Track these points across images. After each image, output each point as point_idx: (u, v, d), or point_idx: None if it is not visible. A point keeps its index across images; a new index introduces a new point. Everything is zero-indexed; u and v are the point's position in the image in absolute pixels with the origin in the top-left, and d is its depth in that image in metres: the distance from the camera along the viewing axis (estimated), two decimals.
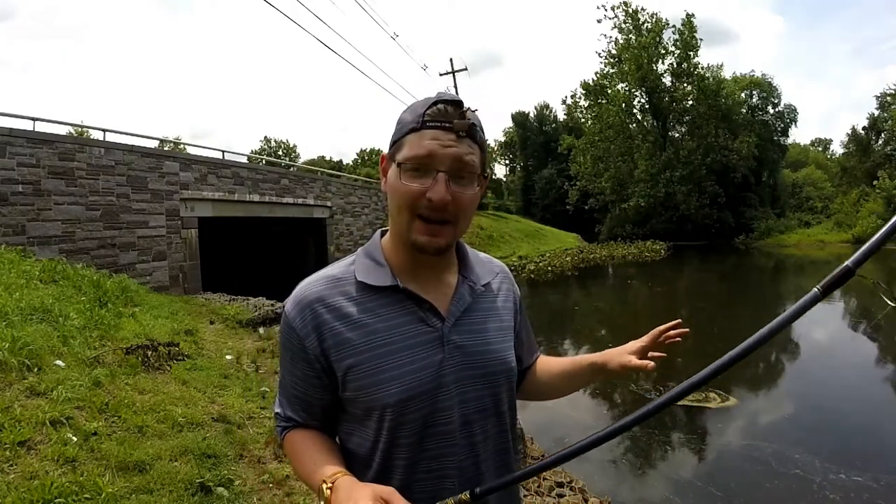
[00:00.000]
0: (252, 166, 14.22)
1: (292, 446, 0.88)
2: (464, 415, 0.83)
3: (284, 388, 0.89)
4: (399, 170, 0.80)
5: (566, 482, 3.38)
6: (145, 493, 2.42)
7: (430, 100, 0.81)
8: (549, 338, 8.96)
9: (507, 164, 55.63)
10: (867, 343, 8.45)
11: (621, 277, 18.62)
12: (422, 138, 0.78)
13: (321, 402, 0.86)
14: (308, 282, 0.86)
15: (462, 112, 0.79)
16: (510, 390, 0.92)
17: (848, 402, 5.42)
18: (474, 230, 22.81)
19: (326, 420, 0.89)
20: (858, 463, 3.84)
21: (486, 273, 0.94)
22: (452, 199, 0.78)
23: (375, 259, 0.87)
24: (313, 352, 0.82)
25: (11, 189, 7.84)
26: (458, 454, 0.83)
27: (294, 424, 0.89)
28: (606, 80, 34.96)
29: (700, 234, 31.24)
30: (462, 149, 0.79)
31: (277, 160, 40.23)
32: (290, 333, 0.84)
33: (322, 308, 0.82)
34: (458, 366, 0.83)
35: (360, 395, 0.81)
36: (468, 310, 0.88)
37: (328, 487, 0.74)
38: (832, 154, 49.90)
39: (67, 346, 3.94)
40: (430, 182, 0.78)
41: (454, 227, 0.81)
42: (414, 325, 0.82)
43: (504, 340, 0.91)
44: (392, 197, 0.81)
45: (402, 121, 0.83)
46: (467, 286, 0.89)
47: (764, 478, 3.77)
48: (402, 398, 0.79)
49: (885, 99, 28.94)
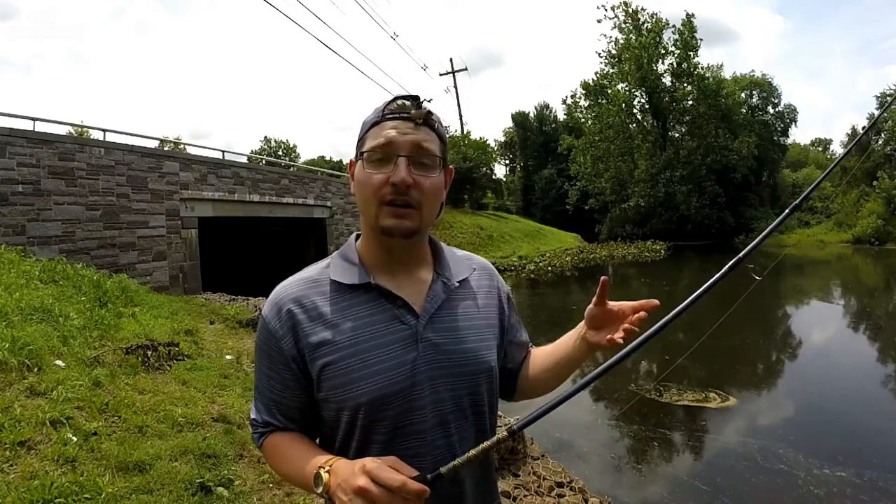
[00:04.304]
0: (252, 166, 14.21)
1: (274, 449, 0.87)
2: (438, 414, 0.83)
3: (261, 392, 0.88)
4: (363, 162, 0.83)
5: (566, 482, 3.38)
6: (145, 493, 2.43)
7: (390, 98, 0.85)
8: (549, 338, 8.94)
9: (507, 164, 55.66)
10: (867, 343, 8.46)
11: (621, 277, 18.61)
12: (381, 129, 0.82)
13: (299, 404, 0.86)
14: (284, 284, 0.87)
15: (419, 103, 0.83)
16: (489, 390, 0.90)
17: (848, 403, 5.42)
18: (474, 230, 22.80)
19: (304, 423, 0.88)
20: (859, 463, 3.85)
21: (462, 269, 0.94)
22: (415, 183, 0.80)
23: (349, 259, 0.88)
24: (290, 353, 0.82)
25: (11, 189, 7.83)
26: (432, 454, 0.81)
27: (273, 429, 0.88)
28: (606, 80, 34.95)
29: (700, 234, 31.22)
30: (420, 135, 0.82)
31: (277, 160, 40.20)
32: (268, 336, 0.84)
33: (298, 309, 0.83)
34: (432, 364, 0.82)
35: (332, 394, 0.81)
36: (443, 307, 0.87)
37: (327, 471, 0.73)
38: (832, 154, 49.91)
39: (67, 346, 3.94)
40: (392, 169, 0.80)
41: (419, 212, 0.82)
42: (387, 322, 0.82)
43: (482, 339, 0.90)
44: (359, 190, 0.84)
45: (364, 123, 0.87)
46: (441, 283, 0.89)
47: (764, 478, 3.77)
48: (376, 397, 0.79)
49: (885, 99, 28.89)
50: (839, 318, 10.39)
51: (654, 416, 4.94)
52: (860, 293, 13.86)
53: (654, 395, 5.42)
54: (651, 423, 4.79)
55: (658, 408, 5.15)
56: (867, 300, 12.60)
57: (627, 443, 4.52)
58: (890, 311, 11.06)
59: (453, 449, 0.82)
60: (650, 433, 4.60)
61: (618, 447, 4.44)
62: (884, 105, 28.93)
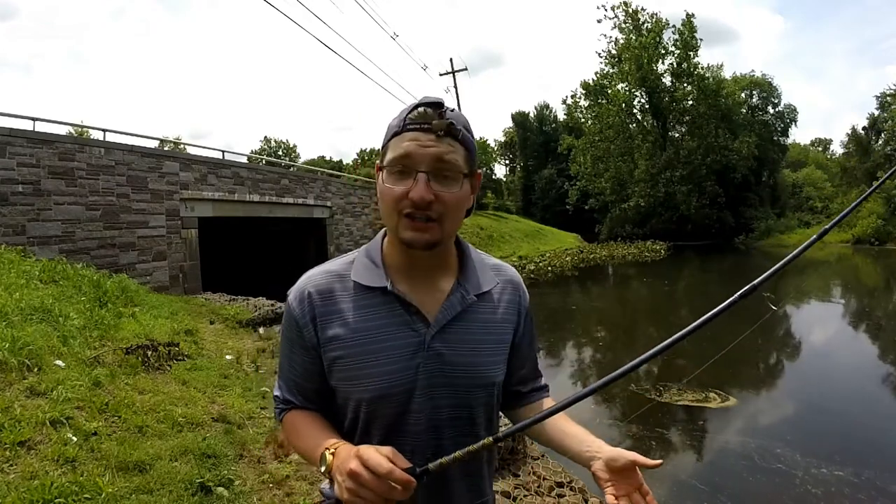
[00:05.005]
0: (252, 166, 14.22)
1: (291, 425, 0.92)
2: (433, 419, 0.85)
3: (283, 372, 0.94)
4: (384, 173, 0.83)
5: (566, 482, 3.37)
6: (145, 493, 2.43)
7: (413, 104, 0.83)
8: (550, 338, 8.95)
9: (507, 164, 55.66)
10: (867, 343, 8.46)
11: (621, 277, 18.63)
12: (401, 140, 0.81)
13: (316, 387, 0.90)
14: (311, 274, 0.91)
15: (441, 112, 0.80)
16: (488, 404, 0.91)
17: (848, 402, 5.42)
18: (474, 230, 22.81)
19: (322, 403, 0.92)
20: (858, 462, 3.85)
21: (486, 281, 0.92)
22: (436, 197, 0.79)
23: (373, 259, 0.89)
24: (310, 340, 0.87)
25: (11, 189, 7.84)
26: (423, 455, 0.83)
27: (292, 406, 0.93)
28: (606, 80, 34.97)
29: (700, 234, 31.24)
30: (442, 148, 0.80)
31: (277, 160, 40.22)
32: (291, 321, 0.89)
33: (320, 300, 0.87)
34: (434, 372, 0.84)
35: (340, 385, 0.86)
36: (457, 318, 0.87)
37: (331, 453, 0.77)
38: (832, 154, 49.93)
39: (67, 346, 3.94)
40: (412, 182, 0.79)
41: (440, 225, 0.82)
42: (398, 327, 0.85)
43: (490, 354, 0.90)
44: (381, 200, 0.84)
45: (389, 127, 0.85)
46: (460, 294, 0.88)
47: (763, 477, 3.77)
48: (376, 395, 0.83)
49: (885, 99, 28.94)
50: (839, 318, 10.39)
51: (654, 416, 4.95)
52: (860, 293, 13.86)
53: (654, 395, 5.42)
54: (651, 423, 4.79)
55: (658, 408, 5.15)
56: (867, 300, 12.61)
57: (627, 443, 4.52)
58: (890, 312, 11.07)
59: (443, 453, 0.83)
60: (650, 433, 4.61)
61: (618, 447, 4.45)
62: (884, 105, 28.97)
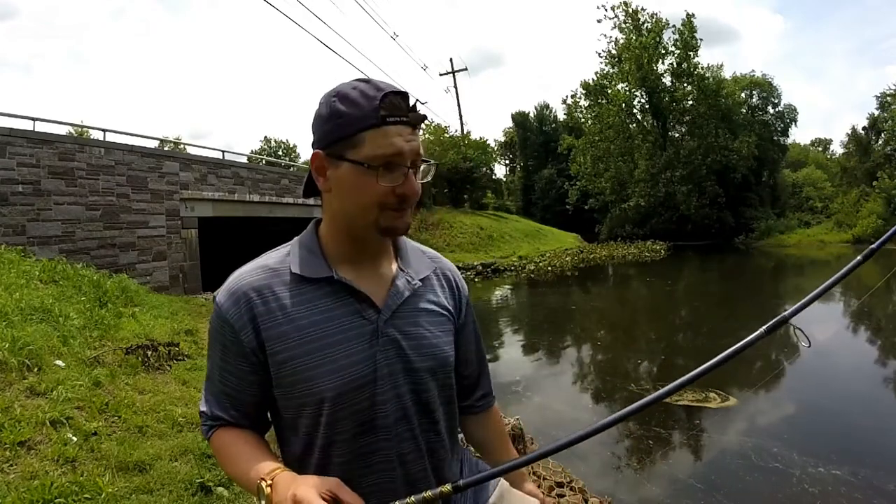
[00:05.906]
0: (252, 166, 14.23)
1: (222, 446, 0.84)
2: (400, 408, 0.83)
3: (213, 384, 0.85)
4: (361, 168, 0.77)
5: (566, 482, 3.38)
6: (145, 493, 2.43)
7: (374, 90, 0.77)
8: (549, 338, 8.95)
9: (507, 164, 55.64)
10: (867, 343, 8.46)
11: (622, 277, 18.62)
12: (386, 136, 0.76)
13: (254, 398, 0.84)
14: (242, 272, 0.84)
15: (412, 105, 0.79)
16: (448, 384, 0.91)
17: (847, 402, 5.42)
18: (474, 230, 22.79)
19: (257, 419, 0.87)
20: (856, 462, 3.84)
21: (424, 267, 0.93)
22: None
23: (311, 250, 0.85)
24: (249, 345, 0.80)
25: (11, 189, 7.84)
26: (398, 447, 0.82)
27: (222, 423, 0.85)
28: (606, 80, 34.92)
29: (700, 234, 31.22)
30: (417, 140, 0.80)
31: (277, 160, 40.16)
32: (224, 326, 0.81)
33: (258, 299, 0.80)
34: (392, 359, 0.82)
35: (294, 390, 0.79)
36: (405, 303, 0.86)
37: (268, 485, 0.71)
38: (832, 154, 49.89)
39: (67, 346, 3.94)
40: (399, 178, 0.78)
41: (411, 209, 0.83)
42: (349, 317, 0.81)
43: (442, 335, 0.89)
44: (355, 195, 0.79)
45: (341, 114, 0.77)
46: (405, 279, 0.88)
47: (764, 477, 3.77)
48: (339, 392, 0.78)
49: (885, 99, 28.91)
50: (839, 317, 10.38)
51: (653, 416, 4.94)
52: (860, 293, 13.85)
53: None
54: (651, 423, 4.79)
55: (658, 407, 5.14)
56: (867, 300, 12.59)
57: (627, 443, 4.52)
58: (890, 312, 11.07)
59: (418, 442, 0.84)
60: (650, 433, 4.60)
61: (618, 447, 4.44)
62: (884, 105, 28.97)
